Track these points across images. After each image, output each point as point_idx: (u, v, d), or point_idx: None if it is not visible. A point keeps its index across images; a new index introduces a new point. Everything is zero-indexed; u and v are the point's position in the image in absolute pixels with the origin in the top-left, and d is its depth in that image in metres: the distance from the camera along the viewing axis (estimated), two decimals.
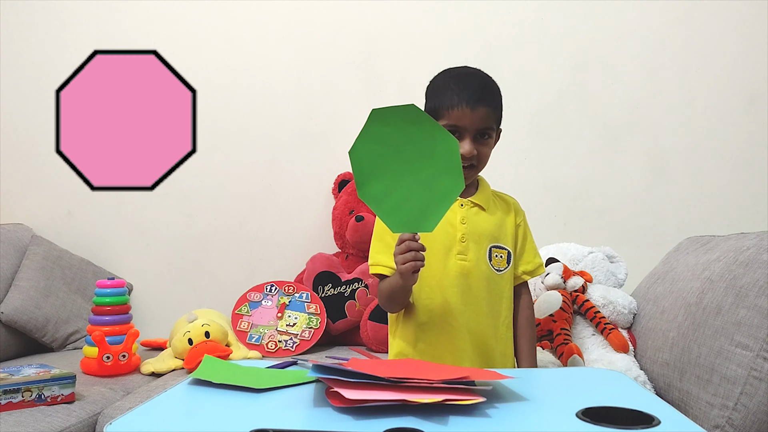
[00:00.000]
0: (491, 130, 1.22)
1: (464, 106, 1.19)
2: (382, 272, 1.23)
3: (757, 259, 1.21)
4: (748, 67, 2.15)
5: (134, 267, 2.32)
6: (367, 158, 1.01)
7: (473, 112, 1.19)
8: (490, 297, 1.25)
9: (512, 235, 1.30)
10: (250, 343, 1.88)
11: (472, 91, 1.20)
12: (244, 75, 2.31)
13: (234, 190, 2.31)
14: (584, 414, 0.76)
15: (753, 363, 1.13)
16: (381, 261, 1.24)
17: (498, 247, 1.27)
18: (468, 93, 1.19)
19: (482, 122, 1.20)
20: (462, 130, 1.20)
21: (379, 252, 1.25)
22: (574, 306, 1.67)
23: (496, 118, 1.23)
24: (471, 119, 1.19)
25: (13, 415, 1.34)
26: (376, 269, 1.25)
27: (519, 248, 1.31)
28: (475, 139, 1.21)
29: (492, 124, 1.22)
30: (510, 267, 1.28)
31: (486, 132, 1.22)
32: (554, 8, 2.21)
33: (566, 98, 2.21)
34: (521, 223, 1.33)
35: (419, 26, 2.25)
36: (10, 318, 1.95)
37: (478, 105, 1.19)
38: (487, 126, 1.21)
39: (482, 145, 1.22)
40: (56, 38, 2.34)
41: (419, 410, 0.76)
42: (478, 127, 1.20)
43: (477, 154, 1.21)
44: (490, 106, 1.21)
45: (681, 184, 2.18)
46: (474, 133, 1.20)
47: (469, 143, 1.20)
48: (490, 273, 1.25)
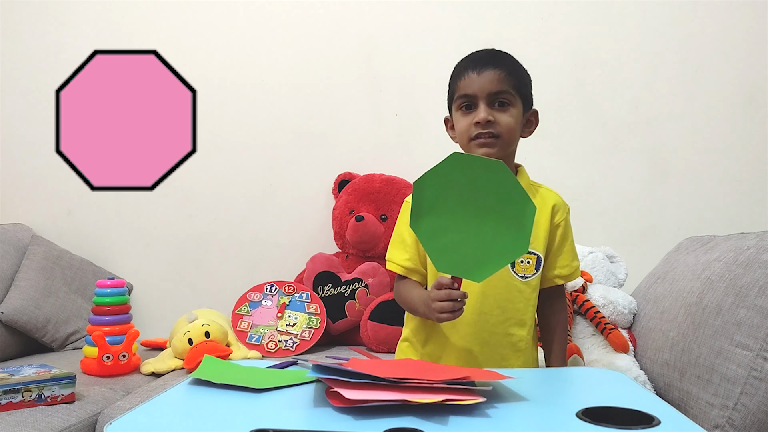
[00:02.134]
0: (508, 95, 1.14)
1: (470, 72, 1.15)
2: (395, 269, 1.23)
3: (757, 259, 1.21)
4: (748, 67, 2.15)
5: (134, 267, 2.32)
6: (431, 193, 0.97)
7: (480, 75, 1.14)
8: (512, 306, 1.19)
9: (545, 237, 1.21)
10: (250, 343, 1.88)
11: (479, 57, 1.17)
12: (244, 75, 2.31)
13: (234, 190, 2.31)
14: (584, 414, 0.76)
15: (753, 363, 1.13)
16: (394, 258, 1.24)
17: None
18: (474, 60, 1.17)
19: (492, 85, 1.13)
20: (474, 98, 1.15)
21: (395, 248, 1.25)
22: (574, 306, 1.67)
23: (511, 83, 1.15)
24: (479, 83, 1.14)
25: (13, 415, 1.34)
26: (389, 266, 1.25)
27: (555, 249, 1.23)
28: (491, 106, 1.14)
29: (506, 87, 1.14)
30: (539, 273, 1.21)
31: (501, 97, 1.14)
32: (554, 8, 2.21)
33: (566, 98, 2.21)
34: (561, 222, 1.23)
35: (419, 26, 2.25)
36: (10, 318, 1.95)
37: (484, 68, 1.14)
38: (499, 90, 1.14)
39: (501, 113, 1.14)
40: (56, 38, 2.34)
41: (419, 410, 0.76)
42: (489, 91, 1.13)
43: (497, 122, 1.13)
44: (499, 68, 1.14)
45: (681, 184, 2.18)
46: (486, 98, 1.14)
47: (484, 109, 1.13)
48: (511, 280, 1.19)
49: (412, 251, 1.22)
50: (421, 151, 2.21)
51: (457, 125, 1.19)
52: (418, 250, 1.22)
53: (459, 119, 1.18)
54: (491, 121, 1.13)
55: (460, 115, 1.18)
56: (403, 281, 1.24)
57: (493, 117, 1.14)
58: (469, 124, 1.16)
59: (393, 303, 1.89)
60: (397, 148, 2.25)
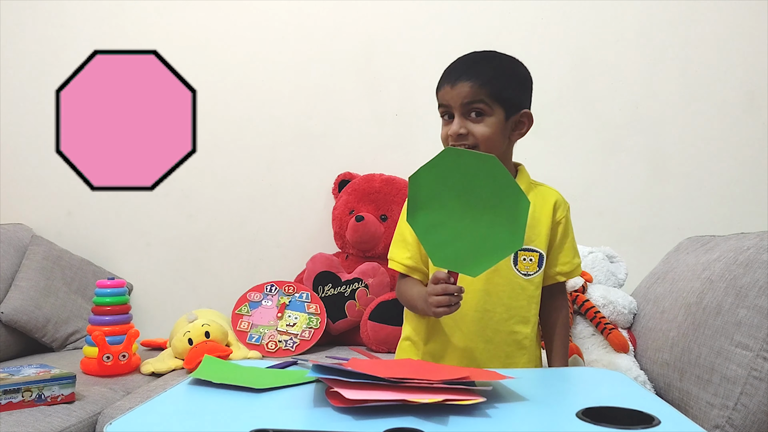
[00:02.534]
0: (482, 105, 1.15)
1: (445, 84, 1.18)
2: (396, 268, 1.25)
3: (757, 259, 1.21)
4: (748, 67, 2.15)
5: (134, 267, 2.32)
6: (426, 187, 0.98)
7: (453, 88, 1.16)
8: (516, 303, 1.20)
9: (546, 235, 1.21)
10: (250, 343, 1.88)
11: (454, 68, 1.19)
12: (244, 75, 2.31)
13: (234, 190, 2.31)
14: (584, 414, 0.76)
15: (753, 363, 1.13)
16: (396, 256, 1.25)
17: (527, 249, 1.19)
18: (451, 72, 1.18)
19: (464, 97, 1.14)
20: (450, 109, 1.18)
21: (396, 246, 1.26)
22: (574, 306, 1.67)
23: (486, 92, 1.14)
24: (452, 96, 1.16)
25: (13, 415, 1.34)
26: (391, 264, 1.26)
27: (556, 246, 1.23)
28: (465, 117, 1.16)
29: (480, 97, 1.14)
30: (542, 270, 1.21)
31: (475, 108, 1.15)
32: (554, 8, 2.21)
33: (566, 98, 2.21)
34: (562, 219, 1.24)
35: (419, 26, 2.25)
36: (10, 318, 1.95)
37: (457, 81, 1.16)
38: (472, 100, 1.14)
39: (476, 123, 1.15)
40: (56, 38, 2.34)
41: (419, 410, 0.76)
42: (461, 103, 1.15)
43: (471, 133, 1.15)
44: (472, 80, 1.14)
45: (681, 184, 2.18)
46: (460, 110, 1.16)
47: (457, 122, 1.15)
48: (514, 278, 1.19)
49: (414, 250, 1.23)
50: (421, 151, 2.17)
51: (441, 131, 1.22)
52: (419, 248, 1.22)
53: (442, 126, 1.22)
54: (463, 134, 1.16)
55: (443, 123, 1.22)
56: (405, 279, 1.25)
57: (466, 129, 1.15)
58: (446, 134, 1.19)
59: (393, 303, 1.89)
60: (397, 148, 2.25)
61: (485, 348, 1.19)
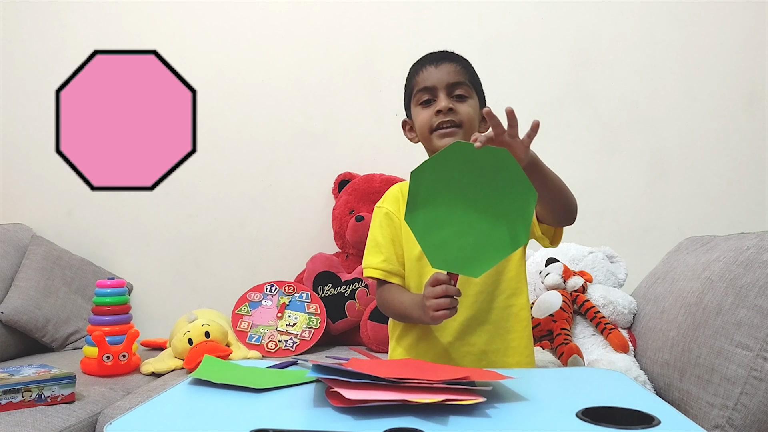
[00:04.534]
0: (465, 87, 1.18)
1: (428, 65, 1.19)
2: (372, 275, 1.20)
3: (757, 259, 1.21)
4: (748, 66, 2.15)
5: (134, 267, 2.32)
6: (429, 183, 0.95)
7: (438, 68, 1.18)
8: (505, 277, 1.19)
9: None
10: (250, 343, 1.88)
11: (434, 54, 1.22)
12: (244, 75, 2.31)
13: (234, 190, 2.31)
14: (584, 414, 0.76)
15: (753, 363, 1.13)
16: (370, 263, 1.21)
17: None
18: (430, 56, 1.22)
19: (450, 76, 1.17)
20: (433, 90, 1.18)
21: (369, 253, 1.22)
22: (574, 306, 1.67)
23: (467, 77, 1.19)
24: (438, 75, 1.17)
25: (13, 415, 1.34)
26: (368, 272, 1.21)
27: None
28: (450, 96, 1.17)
29: (463, 79, 1.18)
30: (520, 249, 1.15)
31: (459, 89, 1.17)
32: (554, 8, 2.21)
33: (566, 98, 2.21)
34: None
35: (419, 26, 2.25)
36: (10, 318, 1.95)
37: (441, 61, 1.19)
38: (457, 80, 1.17)
39: (460, 103, 1.17)
40: (56, 38, 2.34)
41: (419, 410, 0.76)
42: (447, 82, 1.17)
43: (457, 111, 1.16)
44: (453, 62, 1.19)
45: (681, 184, 2.18)
46: (446, 89, 1.17)
47: (444, 98, 1.16)
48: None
49: (388, 251, 1.20)
50: (421, 151, 2.20)
51: (418, 119, 1.21)
52: (393, 249, 1.20)
53: (419, 113, 1.20)
54: (452, 109, 1.16)
55: (420, 110, 1.20)
56: (386, 287, 1.21)
57: (453, 106, 1.16)
58: (431, 115, 1.17)
59: None
60: (397, 148, 2.25)
61: (483, 330, 1.18)
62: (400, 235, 1.21)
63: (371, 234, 1.24)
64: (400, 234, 1.21)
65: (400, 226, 1.21)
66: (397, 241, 1.21)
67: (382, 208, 1.24)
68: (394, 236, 1.21)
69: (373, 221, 1.25)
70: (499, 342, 1.18)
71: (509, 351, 1.19)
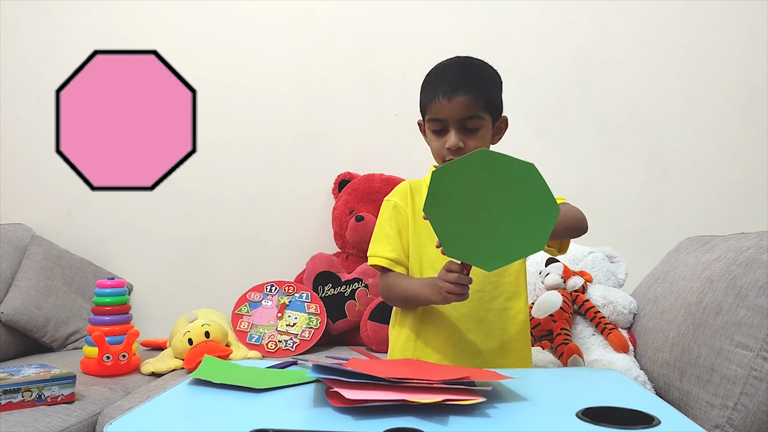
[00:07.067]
0: (478, 119, 1.16)
1: (441, 97, 1.16)
2: (379, 263, 1.22)
3: (757, 259, 1.21)
4: (747, 66, 2.15)
5: (134, 267, 2.32)
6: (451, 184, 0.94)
7: (450, 102, 1.15)
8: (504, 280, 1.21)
9: None
10: (250, 343, 1.88)
11: (449, 81, 1.17)
12: (244, 75, 2.31)
13: (234, 190, 2.31)
14: (584, 414, 0.76)
15: (753, 363, 1.13)
16: (377, 252, 1.23)
17: None
18: (444, 84, 1.17)
19: (462, 112, 1.15)
20: (444, 123, 1.17)
21: (376, 243, 1.24)
22: (574, 306, 1.67)
23: (481, 105, 1.16)
24: (449, 110, 1.15)
25: (13, 415, 1.34)
26: (373, 260, 1.23)
27: None
28: (461, 131, 1.16)
29: (475, 112, 1.16)
30: None
31: (470, 123, 1.16)
32: (554, 8, 2.21)
33: (566, 98, 2.21)
34: None
35: (419, 26, 2.25)
36: (10, 318, 1.95)
37: (455, 95, 1.15)
38: (469, 115, 1.15)
39: (471, 138, 1.16)
40: (56, 38, 2.34)
41: (419, 410, 0.76)
42: (458, 118, 1.15)
43: (465, 147, 1.15)
44: (469, 93, 1.15)
45: (681, 184, 2.18)
46: (457, 124, 1.16)
47: (454, 135, 1.15)
48: None
49: (395, 243, 1.22)
50: (421, 151, 2.19)
51: (430, 144, 1.22)
52: (400, 241, 1.22)
53: (432, 139, 1.21)
54: (461, 147, 1.16)
55: (433, 136, 1.20)
56: (392, 274, 1.22)
57: (462, 143, 1.16)
58: (441, 146, 1.18)
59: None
60: (397, 148, 2.25)
61: (479, 328, 1.19)
62: (407, 227, 1.24)
63: (379, 225, 1.26)
64: (407, 226, 1.24)
65: (407, 218, 1.24)
66: (404, 233, 1.24)
67: (390, 201, 1.27)
68: (401, 228, 1.24)
69: (382, 213, 1.27)
70: (495, 342, 1.20)
71: (505, 352, 1.21)
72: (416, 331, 1.22)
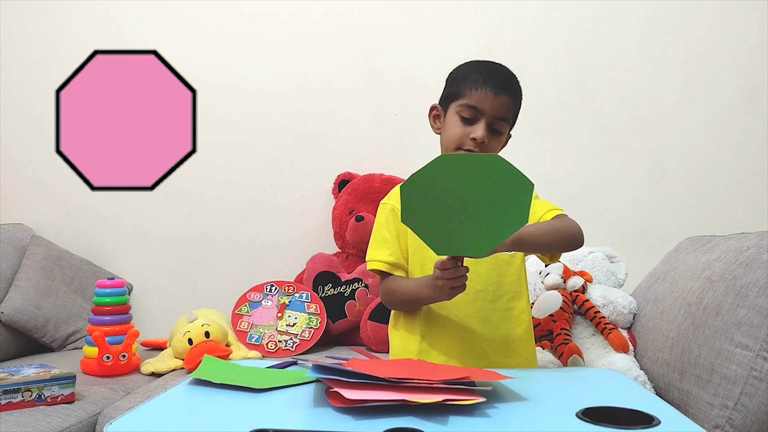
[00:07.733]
0: (506, 123, 1.19)
1: (488, 89, 1.17)
2: (378, 267, 1.22)
3: (757, 259, 1.21)
4: (747, 67, 2.15)
5: (134, 267, 2.32)
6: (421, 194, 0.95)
7: (495, 97, 1.16)
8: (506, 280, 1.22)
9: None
10: (250, 343, 1.88)
11: (499, 78, 1.19)
12: (244, 75, 2.31)
13: (234, 190, 2.31)
14: (584, 414, 0.76)
15: (753, 363, 1.13)
16: (375, 256, 1.23)
17: None
18: (494, 79, 1.18)
19: (501, 110, 1.17)
20: (479, 114, 1.17)
21: (374, 247, 1.25)
22: (574, 306, 1.67)
23: (513, 112, 1.21)
24: (492, 104, 1.16)
25: (13, 415, 1.34)
26: (372, 265, 1.24)
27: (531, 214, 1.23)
28: (489, 128, 1.17)
29: (509, 116, 1.19)
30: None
31: (499, 124, 1.18)
32: (554, 8, 2.21)
33: (566, 98, 2.21)
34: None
35: (419, 26, 2.25)
36: (10, 318, 1.95)
37: (501, 92, 1.17)
38: (504, 116, 1.18)
39: (493, 139, 1.18)
40: (56, 38, 2.34)
41: (419, 410, 0.76)
42: (496, 114, 1.17)
43: (487, 147, 1.16)
44: (512, 97, 1.19)
45: (681, 184, 2.18)
46: (490, 119, 1.17)
47: (483, 129, 1.16)
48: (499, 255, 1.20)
49: (394, 247, 1.23)
50: (421, 151, 2.20)
51: (451, 129, 1.20)
52: (399, 245, 1.23)
53: (455, 124, 1.20)
54: (485, 143, 1.17)
55: (458, 121, 1.19)
56: (391, 278, 1.23)
57: (487, 141, 1.17)
58: (465, 134, 1.18)
59: None
60: (397, 148, 2.25)
61: (483, 328, 1.19)
62: (405, 229, 1.23)
63: (376, 229, 1.26)
64: (406, 228, 1.23)
65: None
66: (402, 237, 1.24)
67: (387, 204, 1.27)
68: (399, 231, 1.24)
69: (378, 217, 1.28)
70: (500, 342, 1.20)
71: (510, 353, 1.21)
72: (421, 333, 1.22)
